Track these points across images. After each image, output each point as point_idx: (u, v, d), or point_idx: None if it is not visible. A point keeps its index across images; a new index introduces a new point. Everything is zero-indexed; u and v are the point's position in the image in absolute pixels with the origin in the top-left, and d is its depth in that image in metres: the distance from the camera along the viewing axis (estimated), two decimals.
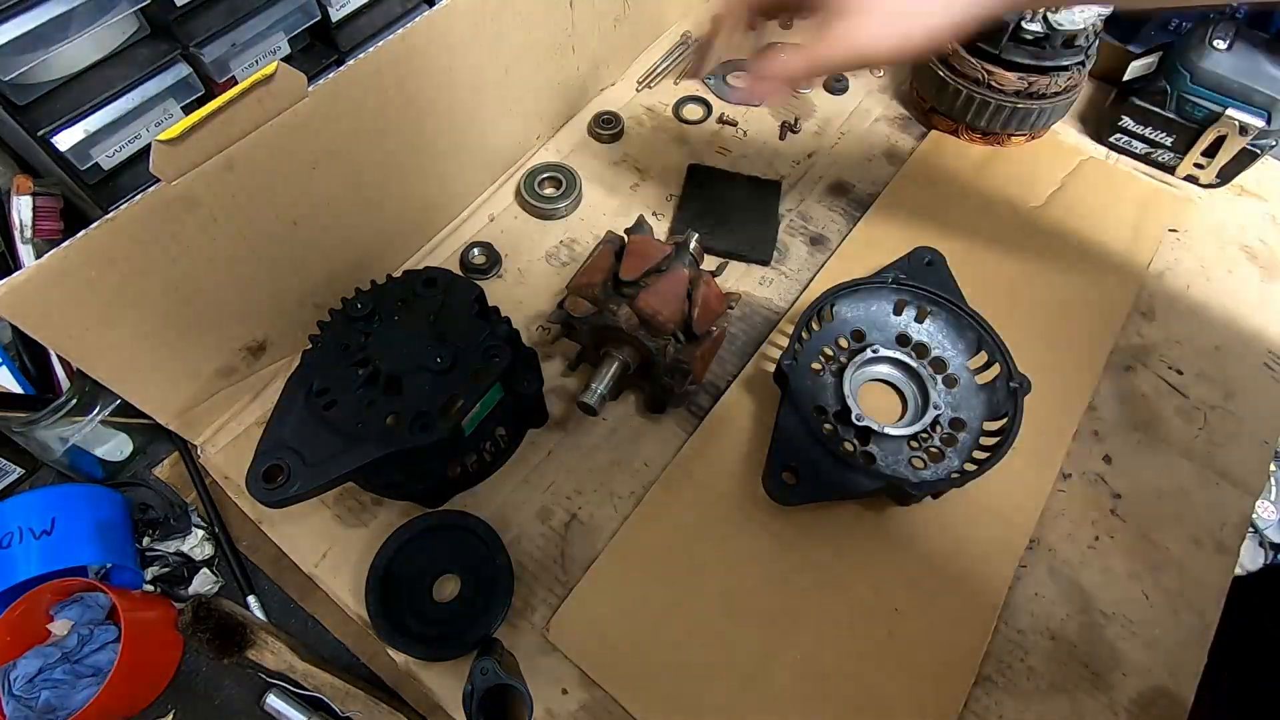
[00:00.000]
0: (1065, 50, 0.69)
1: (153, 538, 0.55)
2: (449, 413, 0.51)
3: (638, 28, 0.81)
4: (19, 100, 0.50)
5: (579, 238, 0.71)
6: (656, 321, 0.51)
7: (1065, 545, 0.56)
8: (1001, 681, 0.51)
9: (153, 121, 0.57)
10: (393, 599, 0.52)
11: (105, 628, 0.50)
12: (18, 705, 0.47)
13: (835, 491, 0.52)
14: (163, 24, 0.55)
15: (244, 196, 0.49)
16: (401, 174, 0.60)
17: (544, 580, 0.54)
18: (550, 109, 0.75)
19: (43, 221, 0.57)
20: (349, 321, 0.55)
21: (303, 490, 0.49)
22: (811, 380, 0.58)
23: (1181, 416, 0.62)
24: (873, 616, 0.53)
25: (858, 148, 0.79)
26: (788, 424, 0.54)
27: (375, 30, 0.66)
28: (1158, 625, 0.53)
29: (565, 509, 0.57)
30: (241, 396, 0.60)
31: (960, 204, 0.74)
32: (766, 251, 0.69)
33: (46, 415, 0.52)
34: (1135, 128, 0.75)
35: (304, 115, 0.49)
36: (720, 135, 0.79)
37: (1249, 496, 0.58)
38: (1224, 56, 0.67)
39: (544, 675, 0.51)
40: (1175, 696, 0.50)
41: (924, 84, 0.77)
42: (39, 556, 0.48)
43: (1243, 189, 0.76)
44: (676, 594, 0.53)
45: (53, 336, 0.44)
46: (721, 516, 0.56)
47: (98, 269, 0.44)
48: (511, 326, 0.57)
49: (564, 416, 0.61)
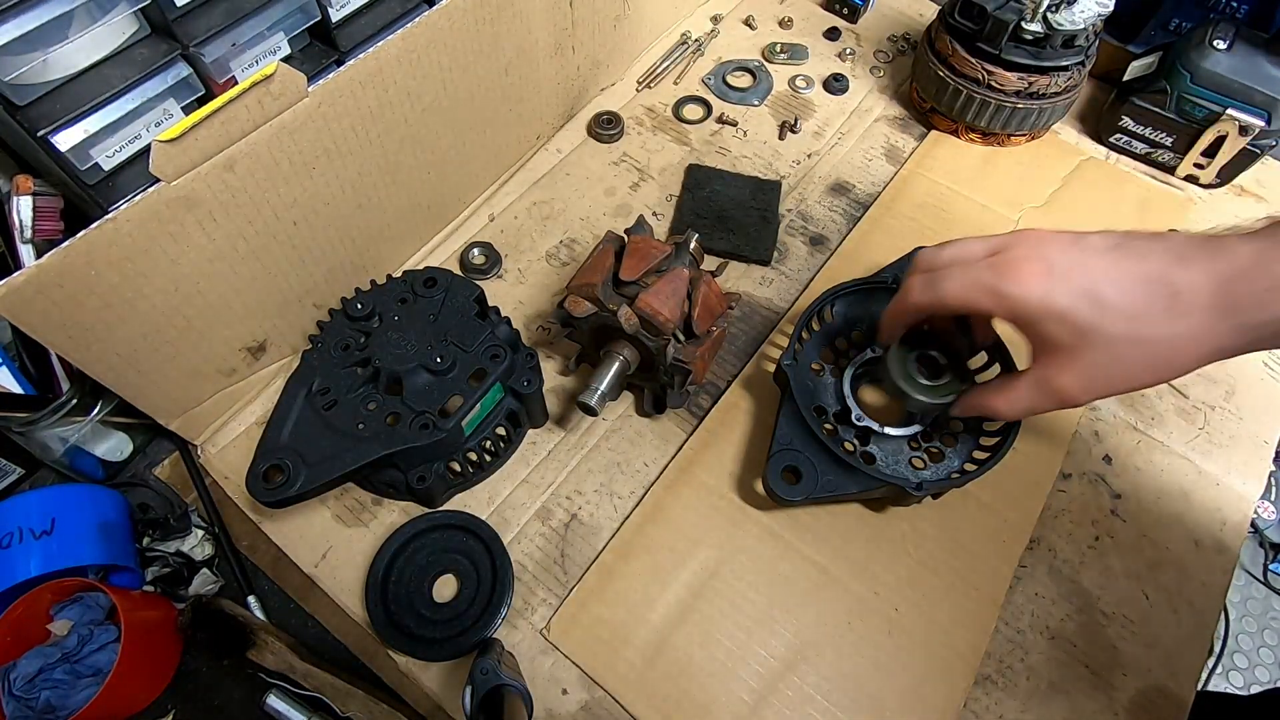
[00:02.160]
0: (1065, 50, 0.69)
1: (153, 538, 0.55)
2: (449, 413, 0.51)
3: (638, 28, 0.80)
4: (19, 100, 0.50)
5: (579, 238, 0.71)
6: (656, 321, 0.51)
7: (1065, 545, 0.56)
8: (1001, 681, 0.51)
9: (153, 121, 0.57)
10: (392, 599, 0.52)
11: (105, 628, 0.50)
12: (18, 705, 0.47)
13: (835, 492, 0.52)
14: (163, 24, 0.55)
15: (244, 196, 0.49)
16: (401, 174, 0.60)
17: (544, 580, 0.54)
18: (550, 109, 0.75)
19: (43, 221, 0.57)
20: (349, 321, 0.55)
21: (303, 490, 0.49)
22: (811, 380, 0.58)
23: (1181, 416, 0.62)
24: (873, 616, 0.53)
25: (858, 148, 0.79)
26: (788, 424, 0.54)
27: (375, 30, 0.66)
28: (1158, 625, 0.53)
29: (565, 509, 0.57)
30: (241, 396, 0.60)
31: (960, 204, 0.74)
32: (766, 251, 0.69)
33: (46, 415, 0.51)
34: (1135, 128, 0.75)
35: (304, 115, 0.49)
36: (720, 135, 0.79)
37: (1249, 496, 0.58)
38: (1224, 56, 0.67)
39: (544, 675, 0.51)
40: (1175, 696, 0.50)
41: (924, 84, 0.77)
42: (39, 556, 0.48)
43: (1243, 189, 0.76)
44: (676, 594, 0.53)
45: (53, 336, 0.44)
46: (722, 516, 0.56)
47: (98, 269, 0.44)
48: (511, 326, 0.57)
49: (564, 416, 0.61)
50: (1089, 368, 0.41)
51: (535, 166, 0.75)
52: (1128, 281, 0.39)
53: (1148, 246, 0.39)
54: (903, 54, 0.87)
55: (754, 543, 0.55)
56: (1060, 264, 0.40)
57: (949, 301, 0.44)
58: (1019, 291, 0.40)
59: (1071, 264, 0.40)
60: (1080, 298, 0.39)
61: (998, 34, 0.68)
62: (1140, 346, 0.39)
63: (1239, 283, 0.37)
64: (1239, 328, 0.38)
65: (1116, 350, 0.40)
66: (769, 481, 0.52)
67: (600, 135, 0.77)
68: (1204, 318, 0.38)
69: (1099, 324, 0.39)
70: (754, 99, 0.81)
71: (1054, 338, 0.41)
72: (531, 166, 0.75)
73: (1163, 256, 0.39)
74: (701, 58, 0.85)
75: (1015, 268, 0.41)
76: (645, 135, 0.78)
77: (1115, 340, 0.39)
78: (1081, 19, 0.67)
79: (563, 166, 0.76)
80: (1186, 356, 0.39)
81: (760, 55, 0.85)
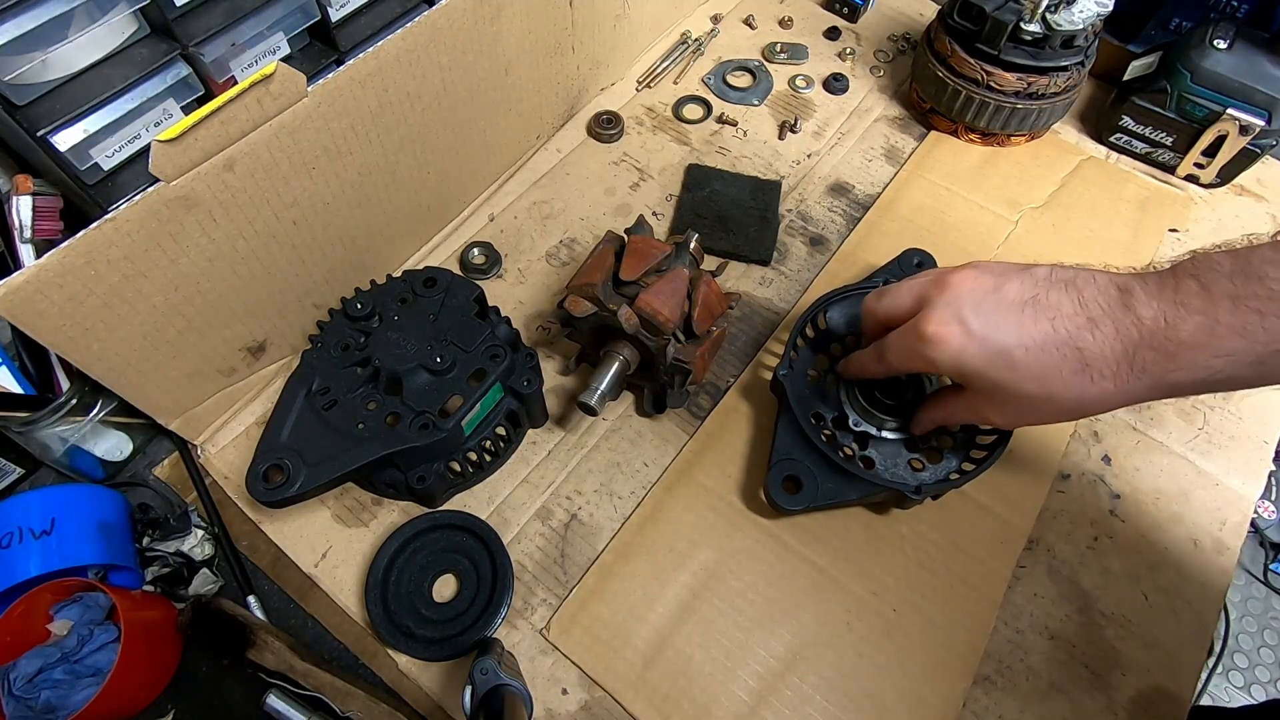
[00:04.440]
0: (1065, 50, 0.69)
1: (153, 538, 0.55)
2: (449, 413, 0.51)
3: (637, 27, 0.80)
4: (19, 100, 0.50)
5: (579, 238, 0.71)
6: (656, 321, 0.51)
7: (1065, 545, 0.56)
8: (1001, 681, 0.51)
9: (153, 121, 0.57)
10: (392, 599, 0.52)
11: (105, 628, 0.50)
12: (18, 705, 0.47)
13: (836, 499, 0.52)
14: (162, 24, 0.55)
15: (244, 196, 0.49)
16: (401, 174, 0.60)
17: (544, 580, 0.54)
18: (550, 109, 0.75)
19: (43, 221, 0.57)
20: (349, 321, 0.55)
21: (303, 490, 0.49)
22: (808, 388, 0.58)
23: (1181, 416, 0.62)
24: (872, 617, 0.53)
25: (858, 148, 0.79)
26: (786, 433, 0.54)
27: (375, 30, 0.66)
28: (1157, 625, 0.53)
29: (565, 509, 0.57)
30: (241, 396, 0.60)
31: (960, 204, 0.74)
32: (766, 251, 0.69)
33: (46, 415, 0.51)
34: (1135, 127, 0.75)
35: (304, 115, 0.49)
36: (720, 135, 0.79)
37: (1249, 496, 0.58)
38: (1224, 56, 0.67)
39: (544, 675, 0.51)
40: (1175, 696, 0.50)
41: (924, 84, 0.77)
42: (39, 556, 0.48)
43: (1243, 189, 0.76)
44: (676, 594, 0.53)
45: (53, 336, 0.44)
46: (721, 516, 0.56)
47: (98, 269, 0.44)
48: (511, 326, 0.57)
49: (564, 416, 0.61)
50: (1007, 410, 0.45)
51: (535, 166, 0.75)
52: (1037, 345, 0.41)
53: (1060, 303, 0.41)
54: (903, 54, 0.87)
55: (753, 543, 0.55)
56: (972, 325, 0.42)
57: (896, 368, 0.48)
58: (937, 356, 0.43)
59: (983, 325, 0.42)
60: (992, 360, 0.42)
61: (997, 34, 0.68)
62: (1049, 401, 0.42)
63: (1148, 348, 0.38)
64: (1149, 386, 0.39)
65: (1030, 403, 0.43)
66: (770, 492, 0.52)
67: (600, 135, 0.77)
68: (1111, 379, 0.40)
69: (1010, 382, 0.42)
70: (754, 99, 0.81)
71: (973, 387, 0.45)
72: (531, 166, 0.75)
73: (1072, 319, 0.40)
74: (701, 57, 0.85)
75: (932, 333, 0.43)
76: (645, 135, 0.78)
77: (1028, 396, 0.42)
78: (1081, 19, 0.67)
79: (563, 166, 0.76)
80: (1098, 407, 0.41)
81: (760, 55, 0.85)
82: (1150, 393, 0.40)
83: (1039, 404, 0.42)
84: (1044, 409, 0.43)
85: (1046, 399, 0.42)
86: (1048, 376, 0.41)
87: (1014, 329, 0.41)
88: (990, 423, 0.49)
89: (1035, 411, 0.43)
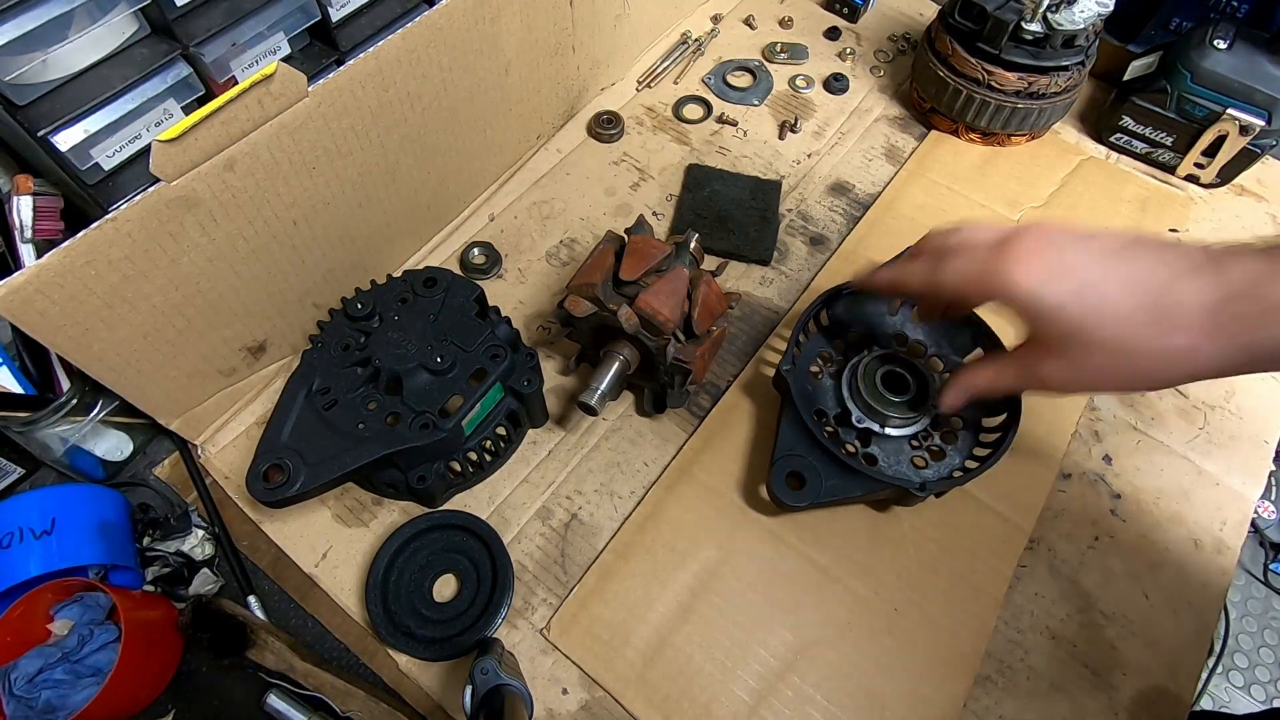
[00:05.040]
0: (1065, 50, 0.69)
1: (153, 538, 0.55)
2: (449, 413, 0.51)
3: (638, 27, 0.80)
4: (19, 100, 0.50)
5: (579, 238, 0.71)
6: (656, 321, 0.51)
7: (1065, 545, 0.56)
8: (1001, 681, 0.51)
9: (153, 121, 0.57)
10: (392, 599, 0.52)
11: (105, 628, 0.50)
12: (18, 705, 0.47)
13: (839, 496, 0.52)
14: (163, 24, 0.55)
15: (244, 196, 0.49)
16: (401, 174, 0.60)
17: (544, 580, 0.54)
18: (550, 109, 0.75)
19: (43, 221, 0.57)
20: (349, 321, 0.55)
21: (303, 490, 0.49)
22: (811, 384, 0.58)
23: (1181, 416, 0.62)
24: (873, 616, 0.53)
25: (858, 147, 0.79)
26: (789, 430, 0.54)
27: (375, 30, 0.66)
28: (1158, 625, 0.53)
29: (565, 509, 0.57)
30: (241, 396, 0.60)
31: (961, 204, 0.74)
32: (766, 251, 0.69)
33: (46, 415, 0.51)
34: (1136, 127, 0.75)
35: (304, 115, 0.49)
36: (720, 135, 0.79)
37: (1249, 496, 0.58)
38: (1224, 56, 0.67)
39: (544, 675, 0.51)
40: (1175, 696, 0.50)
41: (924, 84, 0.77)
42: (39, 556, 0.48)
43: (1243, 189, 0.76)
44: (676, 594, 0.53)
45: (53, 336, 0.44)
46: (722, 515, 0.56)
47: (98, 269, 0.44)
48: (511, 326, 0.57)
49: (564, 416, 0.61)
50: (1073, 364, 0.41)
51: (535, 166, 0.75)
52: (1124, 288, 0.38)
53: (1156, 255, 0.39)
54: (903, 54, 0.87)
55: (754, 543, 0.55)
56: (1062, 260, 0.40)
57: (944, 289, 0.45)
58: (1019, 279, 0.40)
59: (1073, 262, 0.40)
60: (1072, 297, 0.39)
61: (998, 34, 0.68)
62: (1127, 355, 0.39)
63: (1237, 303, 0.36)
64: (1233, 349, 0.37)
65: (1102, 354, 0.40)
66: (774, 488, 0.52)
67: (600, 135, 0.77)
68: (1196, 336, 0.37)
69: (1087, 326, 0.39)
70: (754, 99, 0.81)
71: (1043, 330, 0.42)
72: (531, 166, 0.75)
73: (1167, 268, 0.38)
74: (701, 57, 0.85)
75: (1016, 256, 0.41)
76: (645, 135, 0.78)
77: (1102, 344, 0.39)
78: (1081, 19, 0.67)
79: (563, 166, 0.76)
80: (1174, 371, 0.39)
81: (760, 55, 0.85)
82: (1233, 357, 0.37)
83: (1110, 356, 0.39)
84: (1115, 363, 0.40)
85: (1121, 349, 0.39)
86: (1129, 323, 0.38)
87: (1102, 269, 0.39)
88: (1046, 384, 0.44)
89: (1105, 365, 0.40)
